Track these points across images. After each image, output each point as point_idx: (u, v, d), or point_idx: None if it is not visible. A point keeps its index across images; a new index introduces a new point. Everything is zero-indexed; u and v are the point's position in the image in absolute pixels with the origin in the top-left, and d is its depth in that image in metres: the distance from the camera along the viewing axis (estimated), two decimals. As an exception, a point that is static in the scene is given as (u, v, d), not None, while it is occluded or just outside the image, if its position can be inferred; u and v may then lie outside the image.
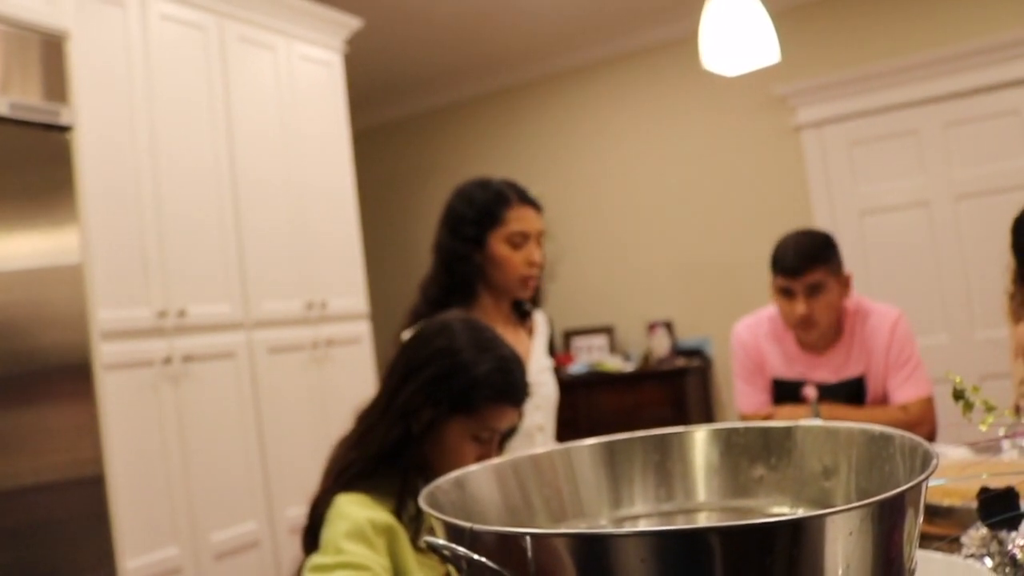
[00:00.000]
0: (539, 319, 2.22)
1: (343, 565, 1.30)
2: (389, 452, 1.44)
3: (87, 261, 2.43)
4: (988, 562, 1.13)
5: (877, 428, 0.82)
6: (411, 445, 1.45)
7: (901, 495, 0.63)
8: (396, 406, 1.47)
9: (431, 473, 1.48)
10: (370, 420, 1.50)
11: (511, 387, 1.48)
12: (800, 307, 2.33)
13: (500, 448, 1.55)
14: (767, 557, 0.57)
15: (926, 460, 0.70)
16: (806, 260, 2.31)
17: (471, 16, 4.76)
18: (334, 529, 1.35)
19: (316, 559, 1.34)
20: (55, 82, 2.38)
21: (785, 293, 2.37)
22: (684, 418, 4.70)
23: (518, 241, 2.01)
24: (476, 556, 0.62)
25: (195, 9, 3.21)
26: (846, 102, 4.63)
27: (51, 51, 2.39)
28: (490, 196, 2.02)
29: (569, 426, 4.55)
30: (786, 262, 2.34)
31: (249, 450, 3.19)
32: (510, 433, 1.57)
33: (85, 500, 2.35)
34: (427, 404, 1.45)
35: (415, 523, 1.41)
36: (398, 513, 1.40)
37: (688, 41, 4.83)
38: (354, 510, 1.37)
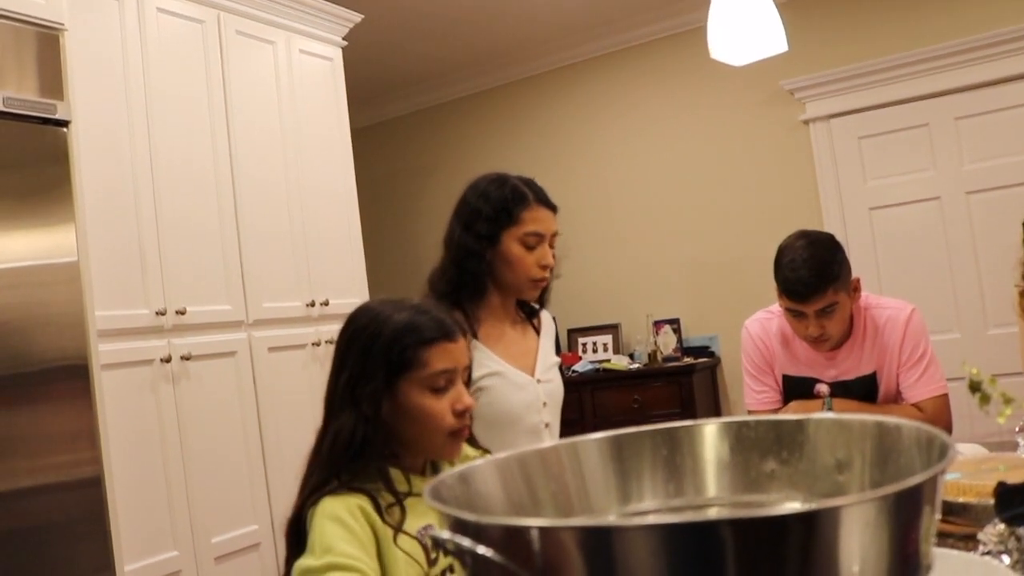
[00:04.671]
0: (545, 318, 2.20)
1: (332, 567, 1.26)
2: (353, 449, 1.38)
3: (84, 259, 2.40)
4: (1006, 559, 1.11)
5: (891, 420, 0.80)
6: (373, 431, 1.39)
7: (918, 487, 0.61)
8: (340, 399, 1.43)
9: (415, 449, 1.46)
10: (323, 427, 1.45)
11: (437, 323, 1.44)
12: (812, 329, 2.27)
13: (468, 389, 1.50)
14: (780, 551, 0.55)
15: (943, 452, 0.68)
16: (815, 286, 2.20)
17: (473, 10, 4.74)
18: (319, 530, 1.31)
19: (304, 561, 1.30)
20: (51, 76, 2.36)
21: (795, 314, 2.30)
22: (691, 417, 4.67)
23: (532, 242, 1.98)
24: (481, 549, 0.60)
25: (193, 3, 3.20)
26: (855, 96, 4.60)
27: (47, 45, 2.36)
28: (507, 194, 1.99)
29: (575, 425, 4.55)
30: (793, 288, 2.24)
31: (249, 450, 3.17)
32: (470, 375, 1.53)
33: (83, 502, 2.32)
34: (366, 380, 1.40)
35: (392, 513, 1.37)
36: (377, 509, 1.35)
37: (694, 34, 4.81)
38: (337, 508, 1.33)
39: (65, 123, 2.38)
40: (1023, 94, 4.21)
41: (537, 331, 2.16)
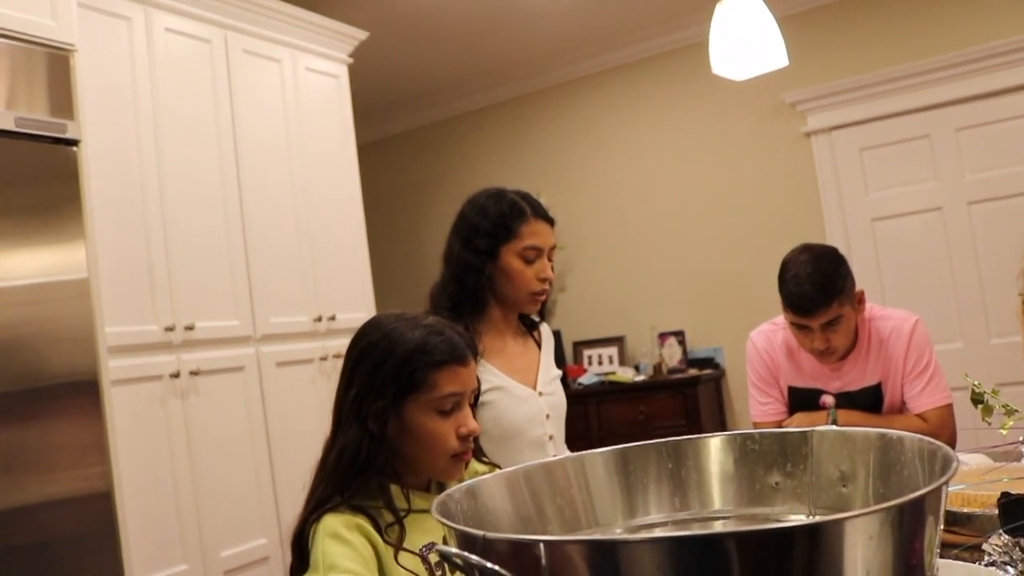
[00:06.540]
0: (545, 331, 2.21)
1: None
2: (358, 466, 1.38)
3: (94, 276, 2.41)
4: (1011, 570, 1.11)
5: (894, 432, 0.81)
6: (377, 449, 1.39)
7: (921, 499, 0.62)
8: (347, 414, 1.42)
9: (416, 468, 1.45)
10: (330, 439, 1.45)
11: (450, 345, 1.42)
12: (818, 342, 2.28)
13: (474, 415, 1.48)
14: (786, 564, 0.56)
15: (946, 464, 0.69)
16: (820, 300, 2.21)
17: (477, 26, 4.76)
18: (322, 548, 1.31)
19: None
20: (61, 96, 2.38)
21: (800, 327, 2.31)
22: (697, 428, 4.67)
23: (531, 256, 1.99)
24: (489, 564, 0.61)
25: (200, 23, 3.22)
26: (856, 108, 4.61)
27: (57, 65, 2.38)
28: (505, 209, 2.00)
29: (581, 438, 4.54)
30: (798, 302, 2.24)
31: (258, 465, 3.18)
32: (476, 398, 1.52)
33: (93, 517, 2.33)
34: (374, 397, 1.39)
35: (393, 532, 1.36)
36: (377, 528, 1.35)
37: (696, 48, 4.83)
38: (338, 525, 1.33)
39: (75, 142, 2.40)
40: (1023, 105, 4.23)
41: (538, 344, 2.17)
